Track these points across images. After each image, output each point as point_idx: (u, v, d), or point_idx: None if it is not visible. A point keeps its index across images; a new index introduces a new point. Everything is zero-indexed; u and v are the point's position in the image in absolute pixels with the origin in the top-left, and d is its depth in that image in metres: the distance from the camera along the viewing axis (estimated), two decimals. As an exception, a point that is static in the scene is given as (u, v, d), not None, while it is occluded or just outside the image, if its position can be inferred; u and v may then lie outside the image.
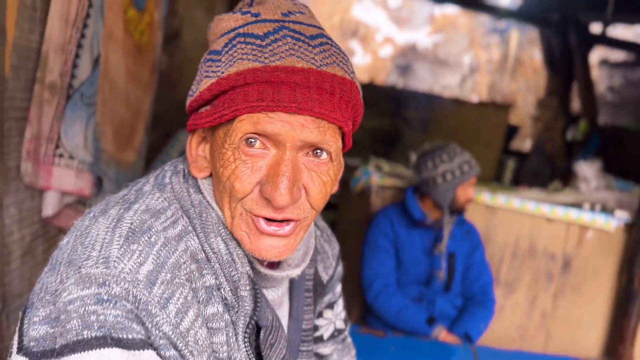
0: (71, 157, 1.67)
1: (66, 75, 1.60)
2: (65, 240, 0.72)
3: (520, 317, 3.10)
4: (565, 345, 3.13)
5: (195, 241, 0.74)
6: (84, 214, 0.75)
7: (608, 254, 3.05)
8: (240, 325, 0.75)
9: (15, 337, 0.69)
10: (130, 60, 2.10)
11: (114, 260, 0.66)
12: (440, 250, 2.42)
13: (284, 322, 0.92)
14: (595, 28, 8.34)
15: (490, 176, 6.86)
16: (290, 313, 0.93)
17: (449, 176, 2.34)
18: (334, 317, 1.09)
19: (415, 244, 2.47)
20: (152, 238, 0.70)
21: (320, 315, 1.08)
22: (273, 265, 0.84)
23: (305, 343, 0.96)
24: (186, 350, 0.68)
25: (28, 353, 0.65)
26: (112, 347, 0.62)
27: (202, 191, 0.79)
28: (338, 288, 1.10)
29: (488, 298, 2.50)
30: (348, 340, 1.15)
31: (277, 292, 0.88)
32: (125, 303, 0.64)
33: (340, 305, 1.12)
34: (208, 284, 0.74)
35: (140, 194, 0.76)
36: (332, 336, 1.09)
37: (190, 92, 0.80)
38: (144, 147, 2.49)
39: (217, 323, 0.74)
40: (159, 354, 0.66)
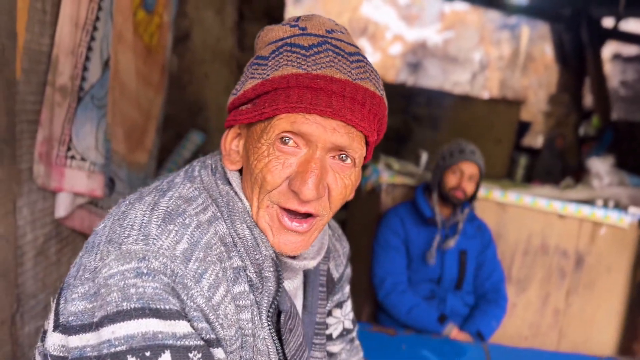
0: (83, 159, 1.69)
1: (77, 77, 1.61)
2: (101, 225, 0.77)
3: (532, 315, 3.08)
4: (578, 343, 3.10)
5: (223, 226, 0.81)
6: (118, 203, 0.81)
7: (621, 251, 3.02)
8: (264, 304, 0.82)
9: (50, 318, 0.74)
10: (140, 62, 2.11)
11: (153, 237, 0.72)
12: (449, 245, 2.41)
13: (299, 314, 0.97)
14: (607, 22, 8.25)
15: (502, 173, 6.81)
16: (304, 306, 0.99)
17: (440, 160, 2.44)
18: (343, 317, 1.15)
19: (425, 242, 2.47)
20: (187, 220, 0.76)
21: (329, 313, 1.13)
22: (291, 256, 0.90)
23: (318, 336, 1.01)
24: (217, 322, 0.74)
25: (66, 328, 0.70)
26: (150, 318, 0.67)
27: (231, 182, 0.86)
28: (347, 289, 1.16)
29: (500, 296, 2.48)
30: (356, 342, 1.21)
31: (293, 284, 0.94)
32: (162, 277, 0.69)
33: (348, 305, 1.17)
34: (235, 265, 0.80)
35: (172, 184, 0.84)
36: (341, 335, 1.15)
37: (233, 91, 0.88)
38: (156, 148, 2.51)
39: (244, 301, 0.80)
40: (192, 326, 0.71)
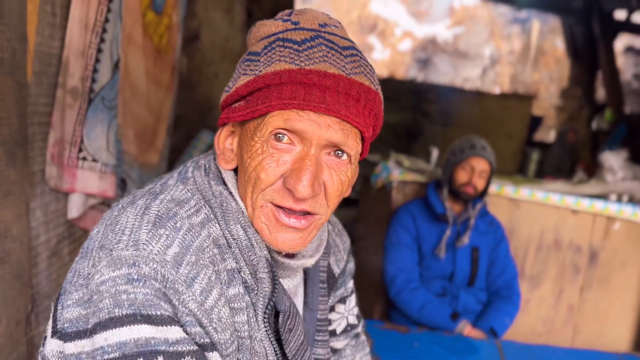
0: (94, 160, 1.70)
1: (87, 79, 1.63)
2: (95, 230, 0.77)
3: (546, 311, 3.06)
4: (593, 339, 3.07)
5: (216, 228, 0.79)
6: (112, 206, 0.80)
7: (636, 246, 2.99)
8: (259, 306, 0.80)
9: (49, 324, 0.74)
10: (150, 63, 2.12)
11: (143, 243, 0.71)
12: (462, 242, 2.40)
13: (300, 312, 0.96)
14: (619, 14, 8.15)
15: (513, 169, 6.76)
16: (305, 303, 0.98)
17: (450, 156, 2.44)
18: (346, 312, 1.13)
19: (437, 239, 2.46)
20: (178, 224, 0.75)
21: (332, 309, 1.12)
22: (288, 255, 0.89)
23: (320, 333, 1.00)
24: (210, 327, 0.73)
25: (62, 335, 0.70)
26: (142, 324, 0.67)
27: (226, 182, 0.84)
28: (350, 283, 1.14)
29: (513, 292, 2.47)
30: (362, 337, 1.18)
31: (293, 282, 0.93)
32: (153, 282, 0.69)
33: (352, 301, 1.15)
34: (229, 267, 0.79)
35: (165, 187, 0.82)
36: (345, 331, 1.13)
37: (226, 89, 0.86)
38: (167, 149, 2.52)
39: (239, 303, 0.78)
40: (185, 331, 0.70)
